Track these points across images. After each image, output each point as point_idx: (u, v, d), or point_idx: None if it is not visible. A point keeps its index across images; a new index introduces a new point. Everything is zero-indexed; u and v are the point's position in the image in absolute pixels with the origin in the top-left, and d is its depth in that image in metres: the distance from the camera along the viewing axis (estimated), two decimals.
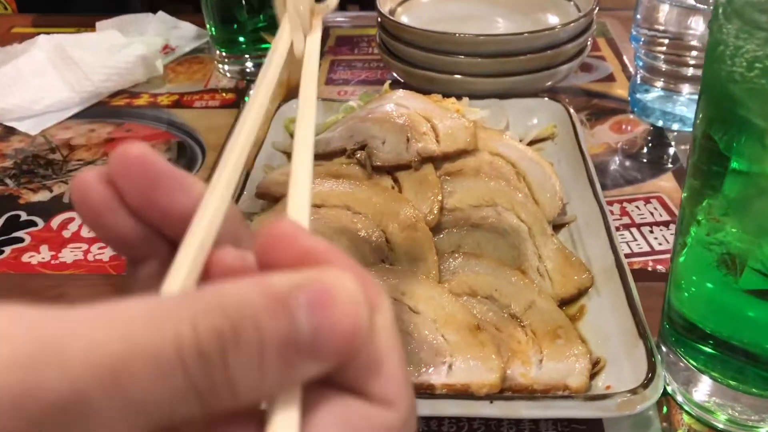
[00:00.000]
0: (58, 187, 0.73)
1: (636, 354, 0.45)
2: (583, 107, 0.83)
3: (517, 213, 0.55)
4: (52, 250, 0.64)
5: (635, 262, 0.60)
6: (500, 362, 0.45)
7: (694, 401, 0.46)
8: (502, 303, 0.51)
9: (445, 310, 0.48)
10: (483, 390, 0.43)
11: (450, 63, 0.77)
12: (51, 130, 0.83)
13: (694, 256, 0.43)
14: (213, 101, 0.89)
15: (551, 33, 0.76)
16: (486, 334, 0.47)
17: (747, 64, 0.34)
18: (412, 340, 0.47)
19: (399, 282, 0.50)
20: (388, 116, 0.61)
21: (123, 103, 0.89)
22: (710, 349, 0.44)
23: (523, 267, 0.54)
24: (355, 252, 0.54)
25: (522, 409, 0.42)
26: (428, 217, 0.55)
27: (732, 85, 0.35)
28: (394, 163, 0.58)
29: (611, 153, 0.75)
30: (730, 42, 0.35)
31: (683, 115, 0.76)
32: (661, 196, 0.67)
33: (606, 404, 0.42)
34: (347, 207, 0.55)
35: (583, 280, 0.53)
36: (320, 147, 0.62)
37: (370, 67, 0.95)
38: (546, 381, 0.45)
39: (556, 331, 0.49)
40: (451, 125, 0.61)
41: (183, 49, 1.01)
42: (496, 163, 0.60)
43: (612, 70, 0.92)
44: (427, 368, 0.45)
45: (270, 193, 0.60)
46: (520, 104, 0.73)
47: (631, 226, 0.64)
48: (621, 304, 0.49)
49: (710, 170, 0.40)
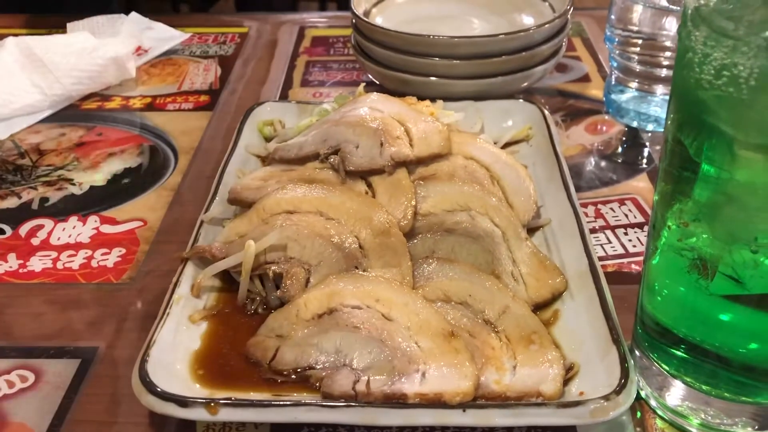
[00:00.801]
0: (27, 194, 0.71)
1: (609, 359, 0.45)
2: (559, 108, 0.83)
3: (491, 217, 0.55)
4: (20, 258, 0.62)
5: (609, 264, 0.60)
6: (474, 369, 0.45)
7: (667, 406, 0.46)
8: (476, 308, 0.50)
9: (419, 316, 0.48)
10: (456, 399, 0.43)
11: (425, 65, 0.76)
12: (20, 135, 0.81)
13: (666, 260, 0.43)
14: (186, 104, 0.87)
15: (526, 35, 0.76)
16: (460, 341, 0.47)
17: (715, 72, 0.34)
18: (385, 348, 0.46)
19: (372, 289, 0.49)
20: (361, 120, 0.60)
21: (94, 107, 0.87)
22: (683, 354, 0.44)
23: (497, 271, 0.54)
24: (328, 258, 0.53)
25: (495, 417, 0.42)
26: (402, 222, 0.54)
27: (701, 92, 0.35)
28: (368, 168, 0.58)
29: (586, 154, 0.75)
30: (699, 49, 0.34)
31: (657, 115, 0.76)
32: (636, 197, 0.68)
33: (579, 411, 0.41)
34: (320, 212, 0.55)
35: (557, 284, 0.53)
36: (293, 151, 0.61)
37: (345, 68, 0.95)
38: (519, 388, 0.45)
39: (530, 336, 0.48)
40: (424, 129, 0.61)
41: (156, 51, 1.00)
42: (471, 167, 0.60)
43: (588, 71, 0.92)
44: (400, 377, 0.45)
45: (242, 199, 0.59)
46: (495, 106, 0.73)
47: (605, 228, 0.64)
48: (595, 309, 0.49)
49: (681, 175, 0.40)
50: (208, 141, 0.79)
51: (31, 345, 0.53)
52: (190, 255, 0.54)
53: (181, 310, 0.51)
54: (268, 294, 0.53)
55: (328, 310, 0.49)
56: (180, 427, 0.46)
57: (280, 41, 1.04)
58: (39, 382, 0.50)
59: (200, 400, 0.42)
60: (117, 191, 0.71)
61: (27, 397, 0.49)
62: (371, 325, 0.47)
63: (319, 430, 0.46)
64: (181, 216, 0.67)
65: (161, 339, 0.47)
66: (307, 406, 0.42)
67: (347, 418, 0.42)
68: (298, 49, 1.01)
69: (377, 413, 0.42)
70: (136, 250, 0.63)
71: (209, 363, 0.48)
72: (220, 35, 1.06)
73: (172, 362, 0.47)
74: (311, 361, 0.47)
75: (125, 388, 0.47)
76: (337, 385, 0.45)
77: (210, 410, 0.42)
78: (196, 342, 0.50)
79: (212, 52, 1.01)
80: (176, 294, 0.51)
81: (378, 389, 0.44)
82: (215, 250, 0.54)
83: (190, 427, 0.46)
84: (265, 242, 0.53)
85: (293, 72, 0.94)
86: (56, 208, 0.69)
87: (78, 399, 0.49)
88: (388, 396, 0.44)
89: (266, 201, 0.56)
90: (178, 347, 0.48)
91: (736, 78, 0.33)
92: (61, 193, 0.71)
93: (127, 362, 0.51)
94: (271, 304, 0.53)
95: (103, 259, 0.62)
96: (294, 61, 0.97)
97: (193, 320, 0.51)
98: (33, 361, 0.51)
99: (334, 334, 0.47)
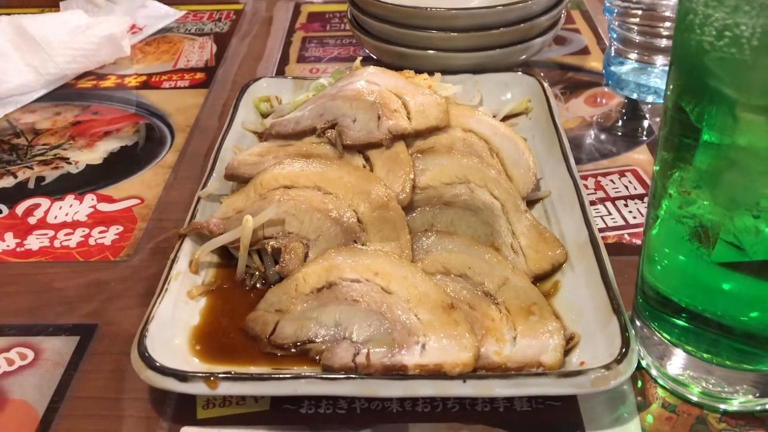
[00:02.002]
0: (22, 173, 0.71)
1: (610, 329, 0.45)
2: (558, 81, 0.82)
3: (490, 190, 0.55)
4: (18, 237, 0.62)
5: (610, 236, 0.59)
6: (474, 341, 0.45)
7: (668, 374, 0.46)
8: (475, 281, 0.50)
9: (418, 289, 0.48)
10: (456, 370, 0.43)
11: (422, 38, 0.75)
12: (15, 114, 0.81)
13: (666, 229, 0.43)
14: (182, 81, 0.87)
15: (525, 6, 0.75)
16: (460, 313, 0.46)
17: (716, 33, 0.33)
18: (385, 321, 0.46)
19: (371, 262, 0.49)
20: (358, 94, 0.60)
21: (89, 85, 0.86)
22: (684, 323, 0.44)
23: (496, 244, 0.53)
24: (327, 233, 0.53)
25: (496, 387, 0.42)
26: (400, 195, 0.54)
27: (702, 55, 0.34)
28: (365, 142, 0.57)
29: (586, 127, 0.74)
30: (700, 10, 0.34)
31: (657, 87, 0.76)
32: (636, 169, 0.67)
33: (580, 381, 0.41)
34: (318, 187, 0.54)
35: (557, 255, 0.53)
36: (289, 126, 0.61)
37: (342, 44, 0.94)
38: (520, 359, 0.45)
39: (530, 307, 0.48)
40: (422, 102, 0.60)
41: (151, 29, 0.99)
42: (469, 140, 0.59)
43: (586, 43, 0.91)
44: (400, 348, 0.44)
45: (239, 175, 0.58)
46: (494, 79, 0.72)
47: (605, 200, 0.63)
48: (595, 280, 0.48)
49: (681, 142, 0.40)
50: (204, 118, 0.79)
51: (29, 323, 0.53)
52: (188, 231, 0.54)
53: (179, 286, 0.50)
54: (266, 269, 0.53)
55: (327, 284, 0.48)
56: (180, 401, 0.46)
57: (276, 17, 1.03)
58: (38, 360, 0.50)
59: (200, 375, 0.42)
60: (113, 169, 0.71)
61: (26, 374, 0.49)
62: (370, 298, 0.47)
63: (320, 403, 0.45)
64: (178, 193, 0.67)
65: (160, 315, 0.47)
66: (306, 378, 0.42)
67: (347, 389, 0.42)
68: (294, 25, 1.00)
69: (377, 385, 0.42)
70: (133, 228, 0.63)
71: (208, 338, 0.48)
72: (215, 12, 1.05)
73: (171, 338, 0.47)
74: (311, 334, 0.47)
75: (125, 364, 0.47)
76: (338, 357, 0.44)
77: (210, 384, 0.42)
78: (194, 317, 0.50)
79: (207, 30, 1.00)
80: (174, 270, 0.51)
81: (378, 361, 0.44)
82: (213, 226, 0.54)
83: (190, 402, 0.46)
84: (263, 217, 0.52)
85: (289, 48, 0.94)
86: (53, 187, 0.69)
87: (78, 375, 0.48)
88: (388, 367, 0.43)
89: (263, 176, 0.56)
90: (177, 323, 0.48)
91: (738, 38, 0.33)
92: (57, 172, 0.71)
93: (126, 339, 0.50)
94: (270, 279, 0.53)
95: (100, 237, 0.62)
96: (290, 37, 0.96)
97: (192, 296, 0.51)
98: (32, 339, 0.51)
99: (333, 308, 0.47)
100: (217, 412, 0.45)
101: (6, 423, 0.45)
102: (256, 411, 0.45)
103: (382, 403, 0.45)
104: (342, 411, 0.45)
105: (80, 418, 0.46)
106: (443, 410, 0.45)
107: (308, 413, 0.45)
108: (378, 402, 0.45)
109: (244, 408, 0.45)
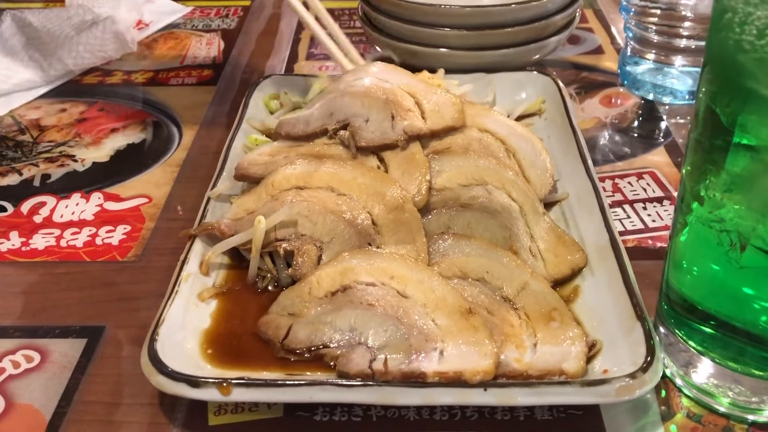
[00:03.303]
0: (28, 170, 0.69)
1: (634, 336, 0.43)
2: (572, 81, 0.81)
3: (507, 192, 0.53)
4: (23, 236, 0.61)
5: (629, 240, 0.58)
6: (494, 347, 0.43)
7: (693, 384, 0.45)
8: (494, 285, 0.49)
9: (435, 293, 0.46)
10: (477, 377, 0.41)
11: (435, 36, 0.74)
12: (19, 111, 0.79)
13: (695, 234, 0.42)
14: (190, 78, 0.85)
15: (539, 4, 0.74)
16: (478, 318, 0.45)
17: (758, 32, 0.32)
18: (402, 326, 0.45)
19: (386, 265, 0.48)
20: (369, 92, 0.58)
21: (95, 81, 0.85)
22: (710, 330, 0.42)
23: (514, 247, 0.52)
24: (340, 235, 0.51)
25: (518, 396, 0.40)
26: (416, 197, 0.52)
27: (740, 55, 0.33)
28: (380, 143, 0.56)
29: (601, 127, 0.73)
30: (739, 8, 0.32)
31: (674, 88, 0.74)
32: (654, 171, 0.66)
33: (604, 390, 0.40)
34: (331, 188, 0.53)
35: (577, 259, 0.52)
36: (299, 127, 0.59)
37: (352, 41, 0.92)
38: (541, 366, 0.43)
39: (550, 313, 0.47)
40: (436, 101, 0.59)
41: (157, 25, 0.98)
42: (486, 140, 0.58)
43: (600, 43, 0.89)
44: (418, 355, 0.43)
45: (250, 175, 0.57)
46: (508, 78, 0.71)
47: (623, 202, 0.62)
48: (617, 285, 0.47)
49: (713, 145, 0.38)
50: (212, 116, 0.77)
51: (35, 324, 0.52)
52: (198, 232, 0.53)
53: (189, 288, 0.49)
54: (279, 272, 0.52)
55: (342, 288, 0.47)
56: (191, 407, 0.45)
57: (284, 14, 1.01)
58: (45, 362, 0.48)
59: (212, 380, 0.41)
60: (120, 167, 0.70)
61: (33, 377, 0.47)
62: (386, 302, 0.46)
63: (335, 410, 0.44)
64: (186, 192, 0.65)
65: (170, 317, 0.46)
66: (322, 385, 0.41)
67: (364, 397, 0.41)
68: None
69: (395, 393, 0.41)
70: (141, 228, 0.61)
71: (219, 342, 0.47)
72: (222, 8, 1.04)
73: (182, 341, 0.46)
74: (325, 339, 0.46)
75: (134, 367, 0.46)
76: (354, 363, 0.43)
77: (222, 390, 0.41)
78: (205, 320, 0.48)
79: (215, 26, 0.99)
80: (184, 271, 0.49)
81: (396, 368, 0.43)
82: (224, 227, 0.53)
83: (201, 408, 0.44)
84: (275, 218, 0.51)
85: (298, 45, 0.92)
86: (58, 184, 0.67)
87: (85, 379, 0.47)
88: (406, 374, 0.42)
89: (275, 176, 0.54)
90: (188, 326, 0.47)
91: None
92: (63, 170, 0.69)
93: (134, 342, 0.49)
94: (282, 282, 0.51)
95: (107, 236, 0.60)
96: (299, 34, 0.95)
97: (202, 298, 0.49)
98: (38, 341, 0.50)
99: (348, 312, 0.46)
100: (228, 419, 0.44)
101: (13, 428, 0.44)
102: (269, 418, 0.44)
103: (398, 411, 0.44)
104: (357, 419, 0.44)
105: (89, 424, 0.44)
106: (462, 419, 0.44)
107: (323, 420, 0.44)
108: (394, 410, 0.44)
109: (257, 414, 0.44)
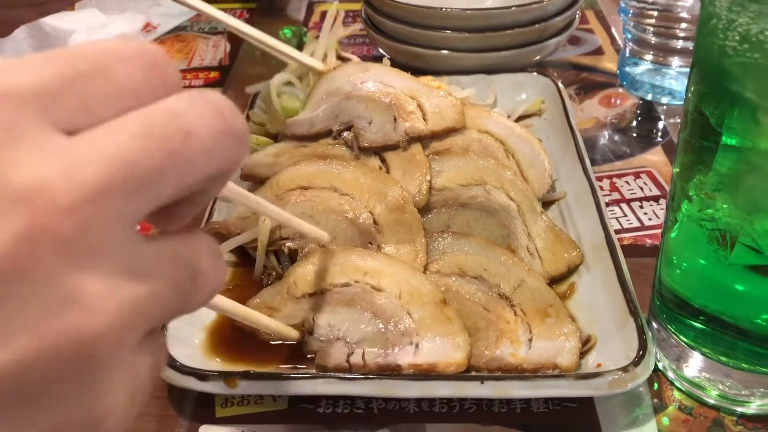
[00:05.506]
0: None
1: (627, 331, 0.45)
2: (572, 81, 0.82)
3: (506, 191, 0.55)
4: None
5: (625, 237, 0.59)
6: (466, 339, 0.45)
7: (684, 377, 0.46)
8: (491, 282, 0.50)
9: (409, 284, 0.48)
10: (450, 369, 0.43)
11: (437, 38, 0.75)
12: None
13: (685, 232, 0.43)
14: (196, 80, 0.87)
15: (539, 6, 0.75)
16: (452, 309, 0.47)
17: (740, 38, 0.33)
18: (378, 320, 0.46)
19: (360, 263, 0.49)
20: (373, 95, 0.60)
21: None
22: (701, 325, 0.44)
23: (512, 246, 0.53)
24: (342, 234, 0.53)
25: (513, 389, 0.42)
26: (417, 197, 0.54)
27: (724, 59, 0.35)
28: (382, 144, 0.57)
29: (600, 128, 0.74)
30: (723, 15, 0.34)
31: (672, 88, 0.76)
32: (651, 170, 0.67)
33: (597, 383, 0.42)
34: (334, 188, 0.54)
35: (573, 257, 0.53)
36: (304, 128, 0.61)
37: (356, 44, 0.94)
38: (536, 360, 0.45)
39: (546, 309, 0.48)
40: (438, 103, 0.60)
41: (165, 27, 0.99)
42: (485, 141, 0.59)
43: (600, 43, 0.91)
44: (394, 348, 0.45)
45: (255, 175, 0.59)
46: (508, 79, 0.72)
47: (620, 201, 0.63)
48: (611, 282, 0.49)
49: (701, 145, 0.40)
50: None
51: None
52: (206, 231, 0.54)
53: None
54: (283, 270, 0.53)
55: (319, 291, 0.48)
56: (199, 400, 0.46)
57: (289, 16, 1.03)
58: None
59: (219, 374, 0.43)
60: None
61: None
62: (361, 299, 0.47)
63: (337, 402, 0.46)
64: None
65: None
66: (325, 378, 0.43)
67: (366, 390, 0.43)
68: (307, 24, 1.00)
69: (396, 385, 0.42)
70: (150, 226, 0.63)
71: (226, 337, 0.48)
72: (228, 11, 1.05)
73: (190, 336, 0.47)
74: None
75: None
76: (332, 357, 0.45)
77: (229, 383, 0.42)
78: (212, 316, 0.50)
79: (221, 28, 1.00)
80: None
81: (372, 361, 0.44)
82: (231, 226, 0.54)
83: (208, 400, 0.46)
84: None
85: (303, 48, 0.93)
86: None
87: None
88: (382, 368, 0.44)
89: (280, 176, 0.56)
90: (195, 321, 0.48)
91: (762, 43, 0.33)
92: None
93: None
94: None
95: None
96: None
97: None
98: None
99: (326, 310, 0.48)
100: (235, 411, 0.46)
101: None
102: (274, 410, 0.45)
103: (399, 404, 0.45)
104: (359, 410, 0.45)
105: None
106: (460, 411, 0.45)
107: (326, 412, 0.45)
108: (395, 402, 0.45)
109: (263, 407, 0.46)
